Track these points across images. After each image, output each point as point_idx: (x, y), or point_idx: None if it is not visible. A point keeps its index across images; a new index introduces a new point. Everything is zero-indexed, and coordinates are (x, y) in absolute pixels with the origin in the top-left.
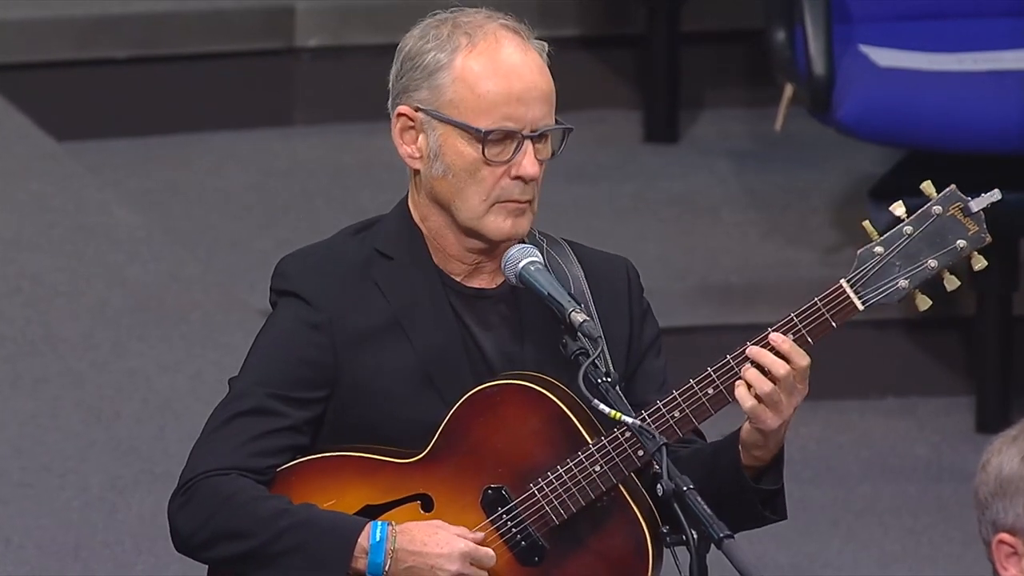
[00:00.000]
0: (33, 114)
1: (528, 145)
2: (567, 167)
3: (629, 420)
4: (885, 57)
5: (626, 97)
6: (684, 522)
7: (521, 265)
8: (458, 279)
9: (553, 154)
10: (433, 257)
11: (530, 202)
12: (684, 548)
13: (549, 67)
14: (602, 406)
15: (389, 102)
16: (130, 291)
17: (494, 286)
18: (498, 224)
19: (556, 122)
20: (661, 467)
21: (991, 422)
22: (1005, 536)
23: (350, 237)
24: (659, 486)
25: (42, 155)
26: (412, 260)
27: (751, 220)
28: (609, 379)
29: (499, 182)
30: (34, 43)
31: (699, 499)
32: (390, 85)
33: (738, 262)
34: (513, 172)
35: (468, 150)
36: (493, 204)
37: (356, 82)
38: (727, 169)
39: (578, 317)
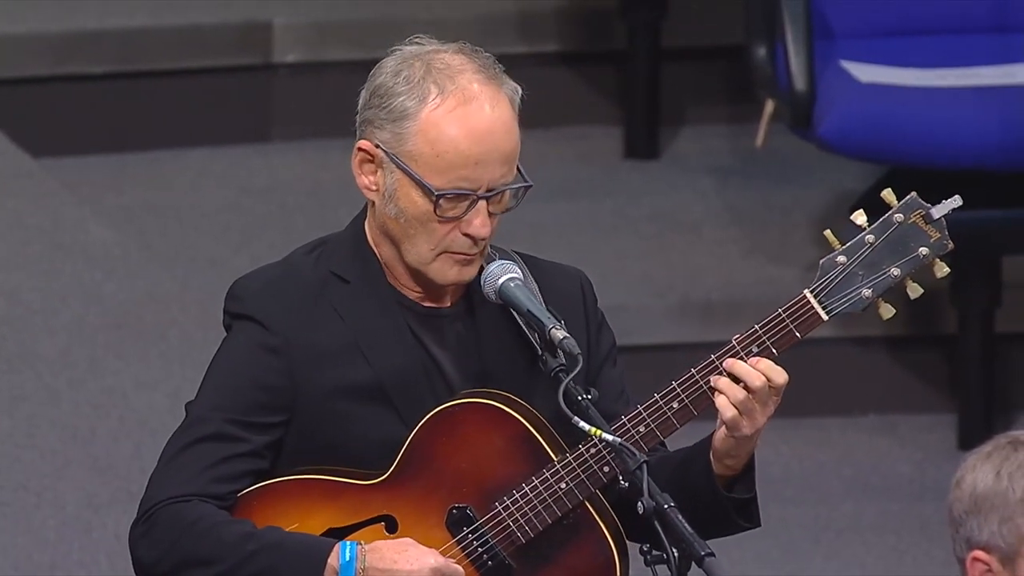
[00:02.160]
0: (8, 131)
1: (481, 205)
2: (547, 184)
3: (610, 438)
4: (866, 73)
5: (607, 113)
6: (665, 540)
7: (501, 282)
8: (414, 299)
9: (507, 209)
10: (388, 279)
11: (479, 252)
12: (665, 567)
13: (527, 84)
14: (582, 423)
15: (356, 120)
16: (107, 309)
17: (449, 305)
18: (444, 272)
19: (518, 170)
20: (642, 485)
21: (973, 439)
22: (979, 554)
23: (304, 256)
24: (640, 504)
25: (18, 172)
26: (368, 282)
27: (733, 237)
28: (589, 396)
29: (449, 235)
30: (9, 59)
31: (680, 517)
32: (359, 107)
33: (720, 279)
34: (463, 229)
35: (421, 202)
36: (441, 253)
37: (334, 98)
38: (708, 186)
39: (558, 334)
